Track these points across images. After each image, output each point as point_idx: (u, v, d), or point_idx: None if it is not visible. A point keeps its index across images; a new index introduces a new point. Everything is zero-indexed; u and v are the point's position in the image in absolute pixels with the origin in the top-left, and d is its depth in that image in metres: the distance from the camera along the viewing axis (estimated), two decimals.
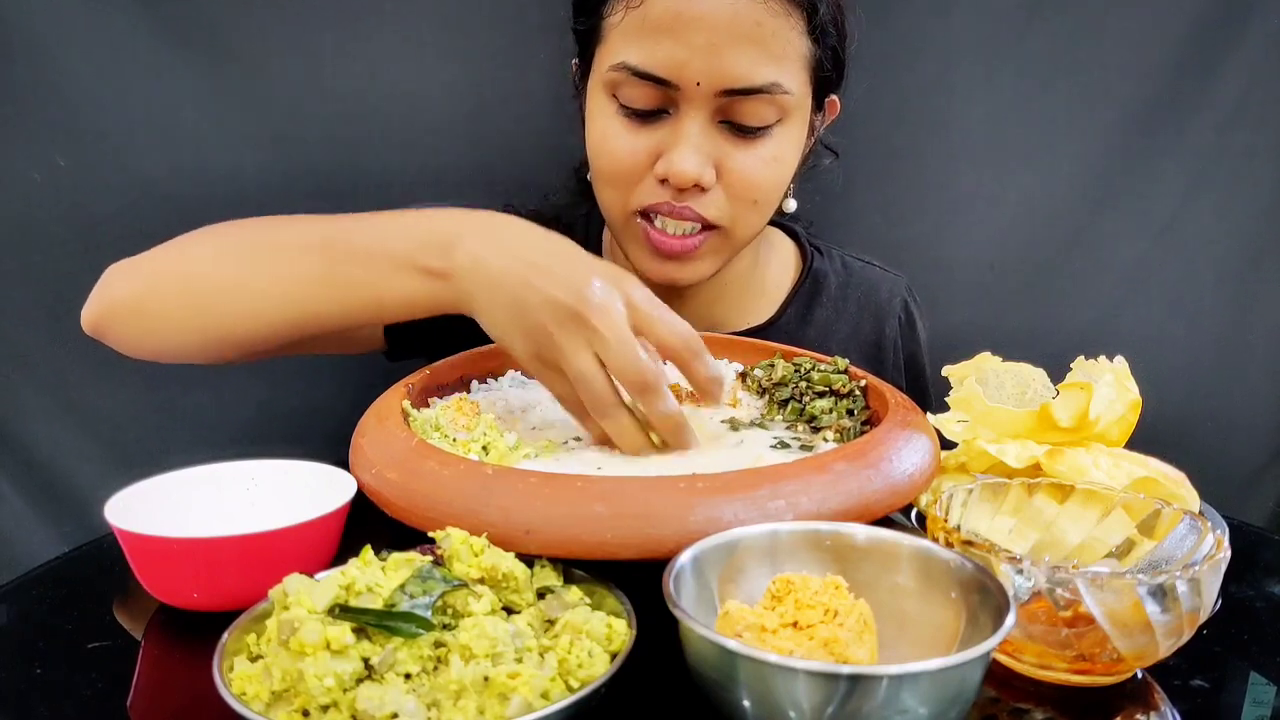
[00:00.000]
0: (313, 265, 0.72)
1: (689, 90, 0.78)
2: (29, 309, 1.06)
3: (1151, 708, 0.50)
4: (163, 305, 0.76)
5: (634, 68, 0.78)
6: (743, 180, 0.82)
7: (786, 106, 0.81)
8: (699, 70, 0.77)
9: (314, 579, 0.47)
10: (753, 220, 0.87)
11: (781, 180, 0.86)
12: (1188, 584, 0.47)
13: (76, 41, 1.01)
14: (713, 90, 0.78)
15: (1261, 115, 1.14)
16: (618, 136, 0.82)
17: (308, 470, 0.65)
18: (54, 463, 1.09)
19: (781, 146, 0.84)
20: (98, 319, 0.78)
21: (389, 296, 0.70)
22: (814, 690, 0.39)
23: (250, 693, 0.44)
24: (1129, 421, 0.65)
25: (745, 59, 0.77)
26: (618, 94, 0.81)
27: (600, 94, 0.83)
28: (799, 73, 0.81)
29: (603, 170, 0.85)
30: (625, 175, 0.83)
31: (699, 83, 0.78)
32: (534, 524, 0.52)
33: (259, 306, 0.74)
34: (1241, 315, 1.20)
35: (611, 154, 0.83)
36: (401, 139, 1.11)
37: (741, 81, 0.78)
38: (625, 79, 0.79)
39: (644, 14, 0.78)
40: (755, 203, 0.84)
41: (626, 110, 0.81)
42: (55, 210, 1.04)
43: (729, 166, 0.82)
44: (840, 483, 0.56)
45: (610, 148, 0.83)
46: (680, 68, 0.77)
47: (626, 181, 0.83)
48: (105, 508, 0.57)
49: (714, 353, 0.84)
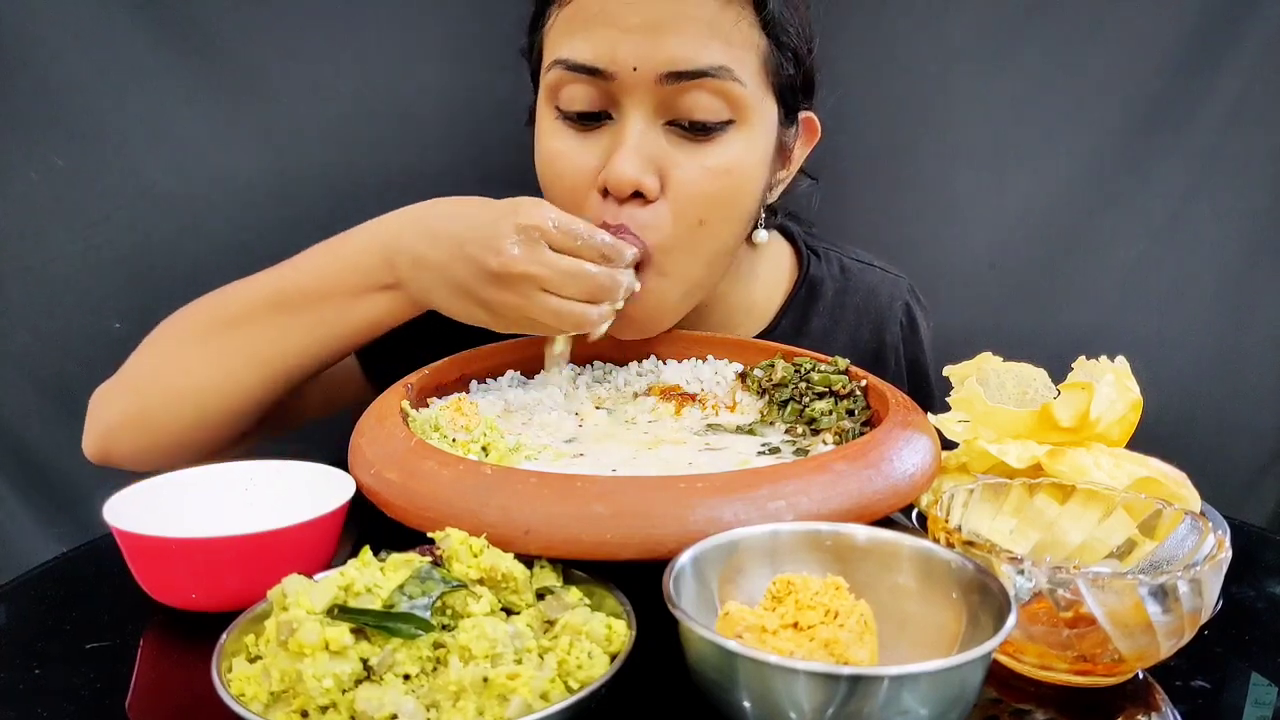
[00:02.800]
0: (274, 324, 0.74)
1: (626, 80, 0.71)
2: (29, 309, 1.06)
3: (1153, 708, 0.50)
4: (155, 419, 0.77)
5: (567, 61, 0.73)
6: (687, 191, 0.74)
7: (740, 102, 0.73)
8: (634, 52, 0.70)
9: (313, 580, 0.47)
10: (698, 248, 0.76)
11: (734, 197, 0.77)
12: (1189, 584, 0.47)
13: (75, 42, 1.01)
14: (652, 76, 0.71)
15: (1261, 115, 1.14)
16: (559, 150, 0.76)
17: (306, 470, 0.65)
18: (54, 463, 1.08)
19: (735, 154, 0.75)
20: (99, 448, 0.80)
21: (354, 324, 0.74)
22: (814, 691, 0.39)
23: (249, 693, 0.43)
24: (1130, 421, 0.65)
25: (687, 38, 0.70)
26: (558, 101, 0.76)
27: (544, 109, 0.78)
28: (752, 64, 0.74)
29: (548, 190, 0.79)
30: (570, 193, 0.76)
31: (635, 67, 0.71)
32: (533, 524, 0.52)
33: (243, 384, 0.75)
34: (1241, 315, 1.19)
35: (558, 173, 0.77)
36: (400, 139, 1.11)
37: (683, 63, 0.71)
38: (561, 77, 0.74)
39: (575, 8, 0.74)
40: (701, 223, 0.75)
41: (567, 117, 0.76)
42: (53, 210, 1.04)
43: (674, 176, 0.74)
44: (840, 483, 0.55)
45: (554, 164, 0.77)
46: (613, 52, 0.71)
47: (572, 200, 0.75)
48: (104, 508, 0.57)
49: (714, 353, 0.85)
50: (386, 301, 0.73)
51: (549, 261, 0.67)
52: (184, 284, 1.10)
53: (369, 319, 0.74)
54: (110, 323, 1.08)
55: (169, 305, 1.09)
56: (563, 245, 0.68)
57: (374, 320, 0.74)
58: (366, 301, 0.72)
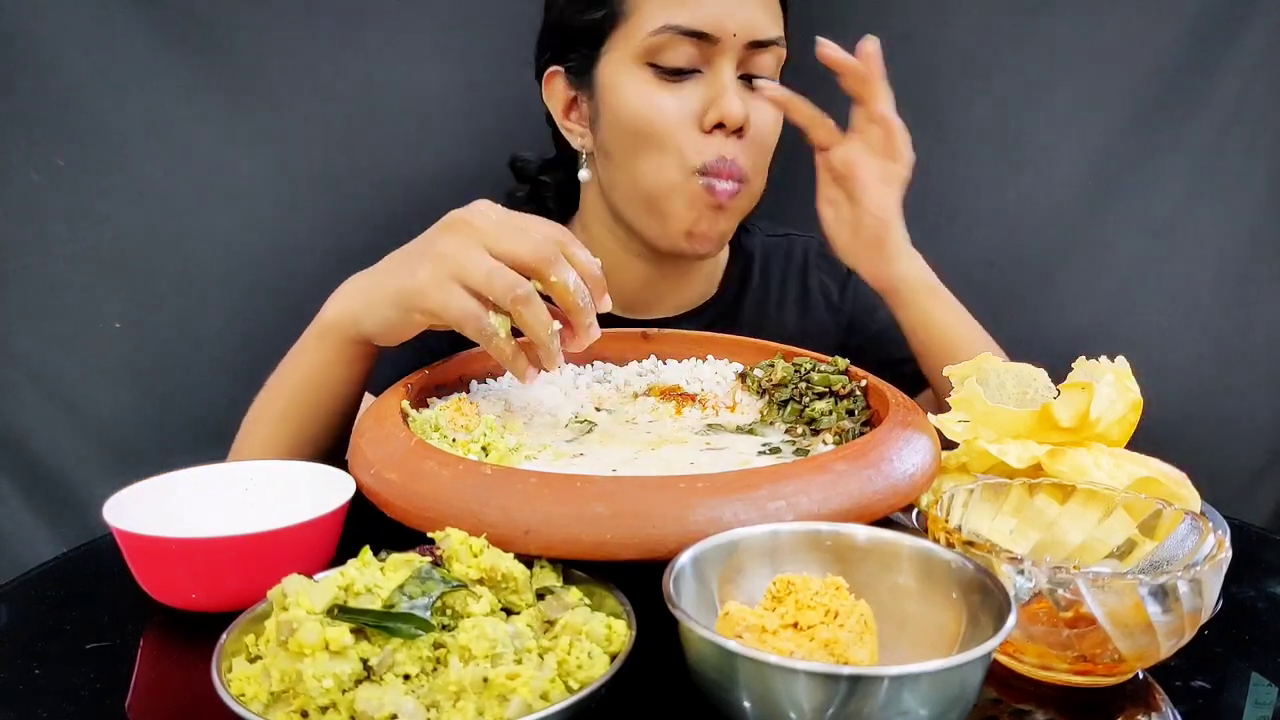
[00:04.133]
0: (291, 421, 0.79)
1: (726, 42, 0.86)
2: (30, 309, 1.06)
3: (1153, 708, 0.50)
4: None
5: (680, 26, 0.86)
6: (763, 127, 0.90)
7: (781, 59, 0.91)
8: (735, 22, 0.86)
9: (313, 580, 0.47)
10: (763, 169, 0.93)
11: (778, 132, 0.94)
12: (1189, 584, 0.47)
13: (76, 42, 1.01)
14: (744, 41, 0.87)
15: (1261, 115, 1.14)
16: (661, 101, 0.88)
17: (306, 470, 0.65)
18: (54, 463, 1.09)
19: None
20: None
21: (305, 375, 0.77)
22: (814, 691, 0.39)
23: (249, 693, 0.44)
24: (1130, 421, 0.65)
25: (766, 13, 0.89)
26: (657, 59, 0.88)
27: (630, 68, 0.89)
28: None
29: (650, 134, 0.89)
30: (674, 135, 0.88)
31: (735, 34, 0.86)
32: (533, 524, 0.52)
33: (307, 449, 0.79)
34: (1242, 315, 1.19)
35: (660, 118, 0.88)
36: (401, 139, 1.11)
37: (765, 32, 0.88)
38: (669, 39, 0.86)
39: None
40: (768, 151, 0.92)
41: (664, 73, 0.88)
42: (54, 210, 1.04)
43: (752, 117, 0.89)
44: (840, 483, 0.55)
45: (657, 113, 0.88)
46: (720, 20, 0.86)
47: (677, 142, 0.88)
48: (104, 508, 0.57)
49: (716, 353, 0.85)
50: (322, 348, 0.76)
51: (495, 218, 0.67)
52: (185, 284, 1.10)
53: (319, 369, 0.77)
54: (111, 322, 1.08)
55: (170, 305, 1.10)
56: (513, 219, 0.68)
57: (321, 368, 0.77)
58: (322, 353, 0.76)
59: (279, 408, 0.79)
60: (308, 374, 0.77)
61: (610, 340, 0.86)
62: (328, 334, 0.75)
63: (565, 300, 0.66)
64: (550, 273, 0.65)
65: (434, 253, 0.67)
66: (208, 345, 1.11)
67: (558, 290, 0.65)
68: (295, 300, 0.82)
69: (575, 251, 0.67)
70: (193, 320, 1.10)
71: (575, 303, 0.66)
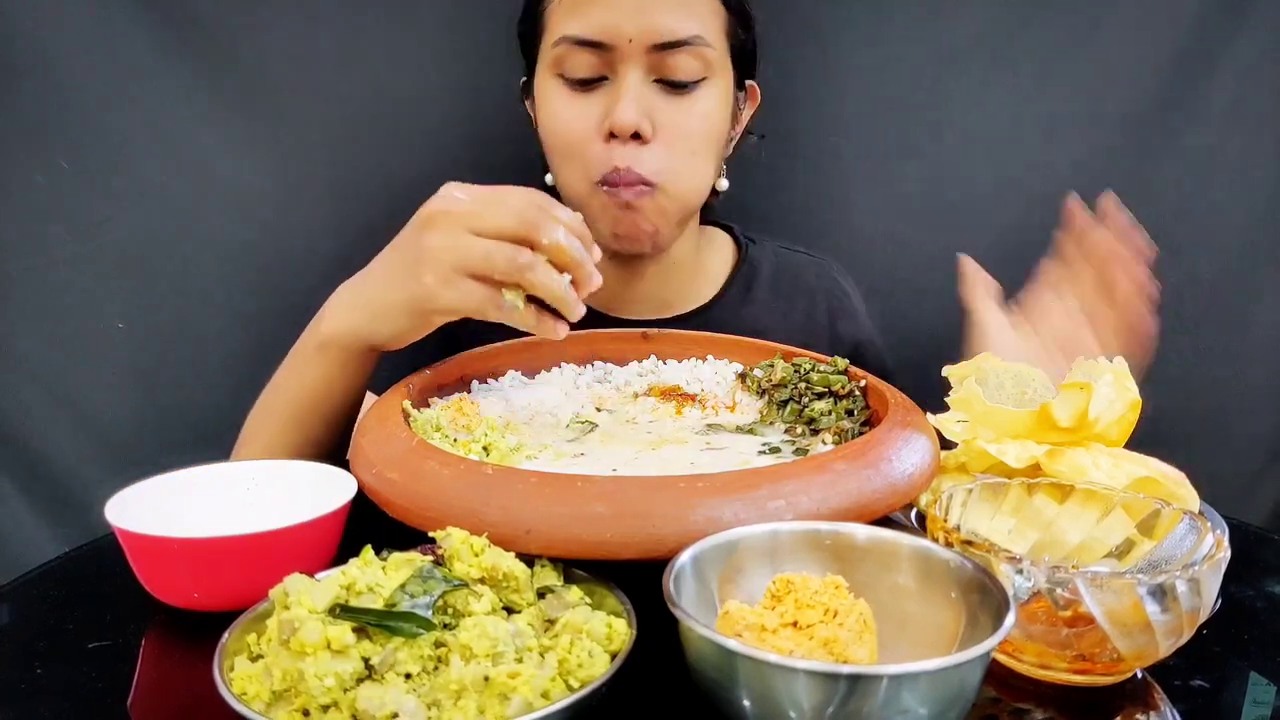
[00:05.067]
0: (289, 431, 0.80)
1: (623, 49, 0.86)
2: (30, 310, 1.06)
3: (1151, 708, 0.50)
4: None
5: (574, 37, 0.87)
6: (679, 131, 0.89)
7: (710, 62, 0.89)
8: (630, 28, 0.85)
9: (314, 579, 0.47)
10: (692, 173, 0.91)
11: (712, 134, 0.92)
12: (1187, 584, 0.47)
13: (79, 45, 1.01)
14: (644, 46, 0.86)
15: (1260, 115, 1.14)
16: (566, 108, 0.89)
17: (308, 470, 0.65)
18: (54, 463, 1.09)
19: (710, 102, 0.91)
20: None
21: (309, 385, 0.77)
22: (814, 690, 0.39)
23: (250, 692, 0.44)
24: (1129, 421, 0.65)
25: (670, 14, 0.86)
26: (562, 70, 0.89)
27: (547, 79, 0.91)
28: (717, 31, 0.90)
29: (558, 145, 0.91)
30: (577, 144, 0.89)
31: (631, 39, 0.85)
32: (534, 524, 0.52)
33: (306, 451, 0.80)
34: (1241, 315, 1.19)
35: (565, 124, 0.89)
36: (401, 141, 1.11)
37: (669, 35, 0.86)
38: (567, 51, 0.87)
39: None
40: (692, 154, 0.91)
41: (570, 82, 0.89)
42: (57, 212, 1.04)
43: (665, 121, 0.88)
44: (840, 482, 0.56)
45: (562, 119, 0.89)
46: (614, 28, 0.85)
47: (580, 150, 0.89)
48: (105, 508, 0.57)
49: (715, 353, 0.85)
50: (326, 363, 0.76)
51: (469, 199, 0.67)
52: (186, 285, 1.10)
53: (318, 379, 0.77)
54: (113, 323, 1.08)
55: (172, 307, 1.10)
56: (486, 193, 0.68)
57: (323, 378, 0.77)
58: (313, 367, 0.77)
59: (282, 418, 0.79)
60: (312, 386, 0.77)
61: (610, 340, 0.86)
62: (329, 348, 0.75)
63: (561, 257, 0.66)
64: (540, 235, 0.65)
65: (427, 253, 0.67)
66: (209, 346, 1.11)
67: (552, 250, 0.66)
68: (297, 301, 0.82)
69: (555, 210, 0.67)
70: (194, 321, 1.10)
71: (572, 256, 0.66)
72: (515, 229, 0.65)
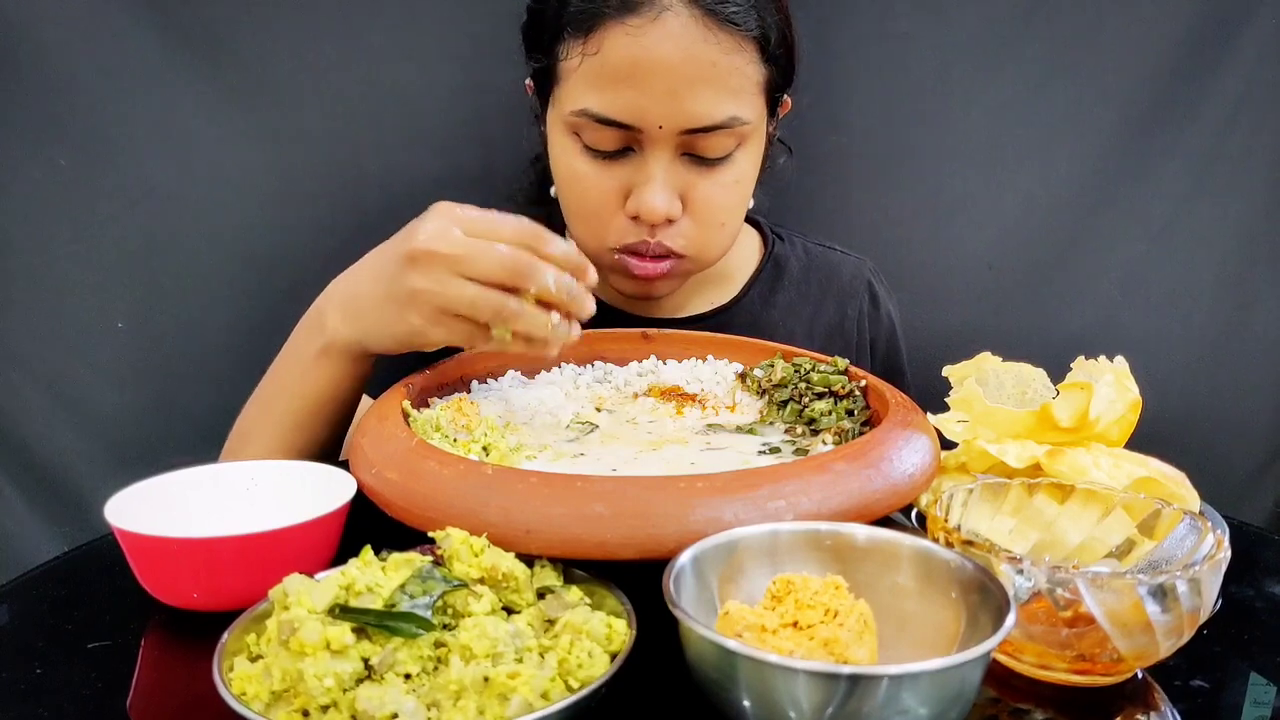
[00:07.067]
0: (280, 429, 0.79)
1: (651, 132, 0.80)
2: (32, 309, 1.06)
3: (1151, 708, 0.50)
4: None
5: (596, 114, 0.80)
6: (709, 207, 0.85)
7: (745, 134, 0.84)
8: (660, 115, 0.79)
9: (314, 579, 0.47)
10: (721, 241, 0.89)
11: (744, 198, 0.89)
12: (1188, 584, 0.47)
13: (79, 43, 1.01)
14: (674, 131, 0.80)
15: (1260, 116, 1.14)
16: (586, 176, 0.84)
17: (308, 470, 0.65)
18: (54, 463, 1.09)
19: (742, 168, 0.86)
20: None
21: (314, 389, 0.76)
22: (814, 690, 0.39)
23: (250, 693, 0.44)
24: (1129, 421, 0.65)
25: (703, 100, 0.79)
26: (581, 135, 0.83)
27: (562, 133, 0.85)
28: (755, 100, 0.83)
29: (574, 209, 0.88)
30: (596, 214, 0.85)
31: (661, 125, 0.80)
32: (534, 524, 0.52)
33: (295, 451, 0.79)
34: (1241, 315, 1.20)
35: (583, 194, 0.85)
36: (402, 139, 1.11)
37: (702, 120, 0.80)
38: (587, 124, 0.81)
39: (602, 61, 0.79)
40: (722, 225, 0.87)
41: (591, 151, 0.83)
42: (57, 211, 1.04)
43: (695, 196, 0.84)
44: (840, 483, 0.56)
45: (581, 188, 0.85)
46: (642, 113, 0.79)
47: (599, 220, 0.85)
48: (105, 508, 0.57)
49: (715, 353, 0.85)
50: (330, 367, 0.75)
51: (458, 239, 0.65)
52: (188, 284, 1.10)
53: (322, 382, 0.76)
54: (114, 322, 1.08)
55: (173, 306, 1.10)
56: (477, 228, 0.66)
57: (329, 380, 0.76)
58: (314, 370, 0.76)
59: (284, 421, 0.79)
60: (317, 390, 0.76)
61: (610, 340, 0.86)
62: (332, 354, 0.75)
63: (550, 301, 0.66)
64: (528, 284, 0.64)
65: (413, 295, 0.66)
66: (210, 346, 1.11)
67: (540, 298, 0.65)
68: (299, 301, 0.82)
69: (548, 247, 0.66)
70: (195, 321, 1.10)
71: (561, 300, 0.66)
72: (502, 278, 0.64)
